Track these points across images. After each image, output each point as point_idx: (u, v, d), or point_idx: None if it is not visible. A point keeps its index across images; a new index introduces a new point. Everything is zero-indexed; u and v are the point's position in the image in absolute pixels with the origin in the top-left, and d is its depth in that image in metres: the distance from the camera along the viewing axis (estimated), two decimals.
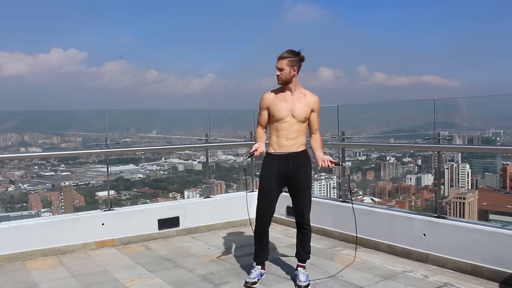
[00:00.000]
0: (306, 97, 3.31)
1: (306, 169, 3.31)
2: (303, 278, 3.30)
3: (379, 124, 6.66)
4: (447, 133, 3.92)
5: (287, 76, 3.24)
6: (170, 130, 6.52)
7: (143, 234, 4.65)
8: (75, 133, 6.52)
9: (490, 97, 4.63)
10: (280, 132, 3.27)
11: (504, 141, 6.05)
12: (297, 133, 3.27)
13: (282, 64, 3.24)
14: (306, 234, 3.38)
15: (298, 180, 3.28)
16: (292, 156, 3.25)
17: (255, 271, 3.38)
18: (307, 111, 3.28)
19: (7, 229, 4.08)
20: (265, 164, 3.33)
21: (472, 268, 3.40)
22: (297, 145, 3.27)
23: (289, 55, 3.24)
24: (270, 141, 3.33)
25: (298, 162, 3.26)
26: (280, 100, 3.29)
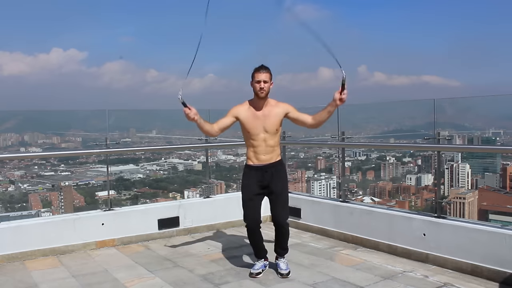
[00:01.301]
0: (274, 107, 3.41)
1: (283, 176, 3.52)
2: (283, 266, 3.54)
3: (379, 124, 6.66)
4: (447, 133, 3.92)
5: (269, 89, 3.37)
6: (170, 130, 6.52)
7: (143, 234, 4.65)
8: (75, 133, 6.52)
9: (490, 97, 4.63)
10: (257, 148, 3.43)
11: (504, 141, 6.05)
12: (273, 148, 3.45)
13: (267, 77, 3.34)
14: (284, 234, 3.56)
15: (275, 186, 3.44)
16: (269, 166, 3.44)
17: (258, 263, 3.58)
18: (279, 120, 3.42)
19: (7, 229, 4.08)
20: (245, 175, 3.51)
21: (472, 268, 3.40)
22: (274, 157, 3.47)
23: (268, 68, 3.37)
24: (248, 155, 3.50)
25: (275, 171, 3.46)
26: (252, 116, 3.40)
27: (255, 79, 3.33)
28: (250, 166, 3.48)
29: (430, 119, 4.03)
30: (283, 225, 3.50)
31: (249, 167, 3.49)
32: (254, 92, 3.37)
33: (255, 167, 3.45)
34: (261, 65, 3.35)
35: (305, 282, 3.36)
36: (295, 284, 3.34)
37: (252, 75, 3.37)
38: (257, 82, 3.32)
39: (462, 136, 5.34)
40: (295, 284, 3.35)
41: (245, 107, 3.43)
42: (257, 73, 3.33)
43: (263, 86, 3.30)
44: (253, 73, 3.37)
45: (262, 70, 3.33)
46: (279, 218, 3.48)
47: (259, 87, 3.31)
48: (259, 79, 3.31)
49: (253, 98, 3.43)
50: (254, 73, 3.35)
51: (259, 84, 3.31)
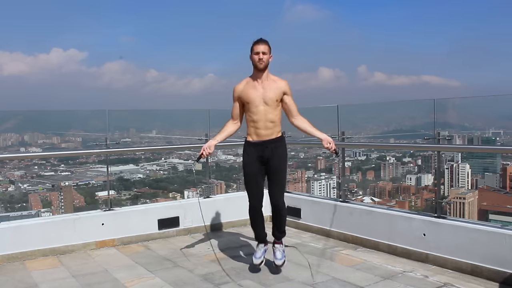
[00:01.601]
0: (276, 82, 3.43)
1: (282, 153, 3.49)
2: (279, 255, 3.54)
3: (379, 124, 6.66)
4: (447, 133, 3.92)
5: (268, 61, 3.39)
6: (170, 130, 6.52)
7: (143, 234, 4.65)
8: (75, 133, 6.52)
9: (490, 97, 4.62)
10: (257, 123, 3.41)
11: (504, 141, 6.05)
12: (273, 123, 3.42)
13: (265, 48, 3.37)
14: (280, 215, 3.55)
15: (275, 163, 3.44)
16: (269, 142, 3.42)
17: (259, 250, 3.59)
18: (279, 94, 3.41)
19: (7, 229, 4.08)
20: (245, 152, 3.50)
21: (472, 268, 3.40)
22: (275, 133, 3.45)
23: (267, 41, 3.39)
24: (248, 132, 3.48)
25: (275, 147, 3.44)
26: (251, 88, 3.41)
27: (254, 51, 3.36)
28: (249, 142, 3.46)
29: (430, 119, 4.03)
30: (279, 204, 3.48)
31: (248, 143, 3.47)
32: (253, 64, 3.39)
33: (254, 143, 3.43)
34: (260, 38, 3.39)
35: (305, 282, 3.36)
36: (295, 284, 3.34)
37: (251, 48, 3.39)
38: (255, 54, 3.34)
39: (462, 136, 5.33)
40: (295, 284, 3.35)
41: (243, 83, 3.46)
42: (255, 45, 3.37)
43: (262, 57, 3.33)
44: (252, 45, 3.39)
45: (261, 42, 3.37)
46: (275, 197, 3.47)
47: (258, 58, 3.33)
48: (258, 50, 3.34)
49: (253, 72, 3.44)
50: (253, 45, 3.38)
51: (258, 55, 3.33)
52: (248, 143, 3.48)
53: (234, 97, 3.49)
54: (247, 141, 3.50)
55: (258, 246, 3.63)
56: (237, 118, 3.53)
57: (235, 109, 3.51)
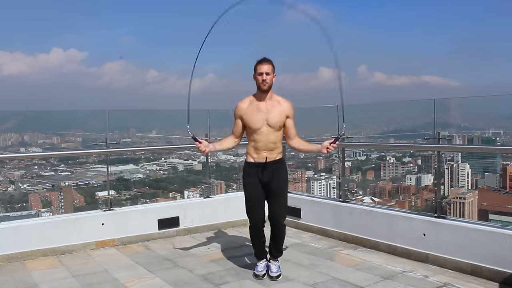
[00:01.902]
0: (280, 104, 3.38)
1: (283, 175, 3.44)
2: (274, 269, 3.47)
3: (379, 124, 6.66)
4: (447, 133, 3.92)
5: (271, 81, 3.33)
6: (170, 130, 6.52)
7: (143, 234, 4.65)
8: (75, 133, 6.52)
9: (490, 97, 4.63)
10: (258, 144, 3.36)
11: (504, 141, 6.05)
12: (274, 145, 3.37)
13: (269, 69, 3.30)
14: (280, 236, 3.49)
15: (275, 186, 3.38)
16: (270, 164, 3.37)
17: (260, 264, 3.53)
18: (282, 118, 3.36)
19: (7, 229, 4.08)
20: (246, 173, 3.44)
21: (472, 268, 3.40)
22: (275, 154, 3.39)
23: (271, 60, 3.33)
24: (249, 151, 3.43)
25: (276, 169, 3.39)
26: (255, 110, 3.35)
27: (258, 71, 3.29)
28: (250, 163, 3.41)
29: (430, 119, 4.03)
30: (279, 226, 3.44)
31: (249, 165, 3.42)
32: (257, 84, 3.33)
33: (255, 164, 3.38)
34: (263, 58, 3.32)
35: (305, 282, 3.36)
36: (295, 284, 3.34)
37: (255, 68, 3.33)
38: (259, 74, 3.28)
39: (462, 136, 5.33)
40: (295, 284, 3.35)
41: (246, 103, 3.40)
42: (259, 65, 3.30)
43: (265, 78, 3.26)
44: (255, 65, 3.33)
45: (264, 62, 3.29)
46: (276, 218, 3.42)
47: (262, 79, 3.27)
48: (261, 71, 3.27)
49: (256, 91, 3.38)
50: (256, 66, 3.32)
51: (262, 76, 3.27)
52: (248, 164, 3.43)
53: (236, 115, 3.43)
54: (247, 162, 3.44)
55: (258, 261, 3.56)
56: (238, 136, 3.48)
57: (236, 127, 3.45)
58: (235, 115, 3.45)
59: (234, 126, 3.47)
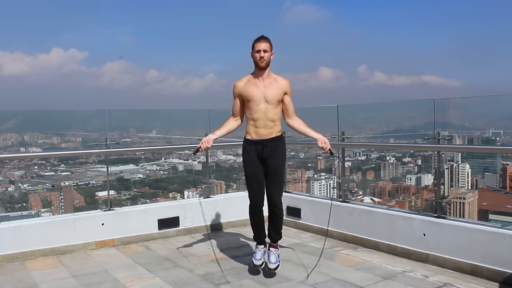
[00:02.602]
0: (278, 81, 3.41)
1: (281, 153, 3.46)
2: (273, 260, 3.48)
3: (379, 124, 6.66)
4: (447, 133, 3.92)
5: (269, 58, 3.36)
6: (170, 130, 6.52)
7: (143, 234, 4.65)
8: (75, 133, 6.52)
9: (490, 97, 4.63)
10: (257, 122, 3.37)
11: (504, 141, 6.05)
12: (273, 122, 3.39)
13: (266, 46, 3.33)
14: (277, 216, 3.51)
15: (273, 162, 3.40)
16: (269, 141, 3.39)
17: (259, 251, 3.55)
18: (280, 94, 3.38)
19: (7, 229, 4.08)
20: (245, 150, 3.47)
21: (472, 268, 3.40)
22: (274, 132, 3.41)
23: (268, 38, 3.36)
24: (248, 130, 3.44)
25: (274, 146, 3.40)
26: (252, 86, 3.38)
27: (255, 49, 3.33)
28: (249, 140, 3.43)
29: (430, 119, 4.03)
30: (276, 205, 3.45)
31: (248, 142, 3.43)
32: (255, 62, 3.36)
33: (254, 142, 3.40)
34: (261, 35, 3.36)
35: (305, 282, 3.36)
36: (295, 284, 3.34)
37: (252, 46, 3.36)
38: (257, 52, 3.31)
39: (462, 136, 5.33)
40: (295, 284, 3.35)
41: (244, 80, 3.43)
42: (257, 43, 3.33)
43: (263, 55, 3.30)
44: (253, 43, 3.37)
45: (262, 39, 3.34)
46: (273, 198, 3.44)
47: (259, 56, 3.30)
48: (259, 48, 3.31)
49: (254, 70, 3.41)
50: (254, 43, 3.35)
51: (259, 53, 3.30)
52: (247, 141, 3.45)
53: (235, 93, 3.46)
54: (246, 139, 3.46)
55: (257, 247, 3.59)
56: (238, 115, 3.50)
57: (235, 106, 3.48)
58: (233, 93, 3.47)
59: (233, 106, 3.50)
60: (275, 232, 3.55)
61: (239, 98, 3.44)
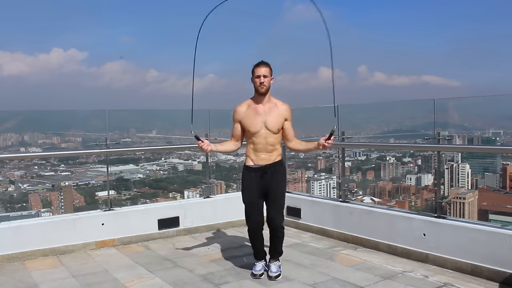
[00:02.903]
0: (278, 107, 3.39)
1: (282, 178, 3.46)
2: (274, 269, 3.49)
3: (379, 124, 6.66)
4: (447, 133, 3.92)
5: (269, 84, 3.35)
6: (170, 130, 6.52)
7: (143, 234, 4.65)
8: (75, 133, 6.52)
9: (490, 97, 4.62)
10: (257, 146, 3.37)
11: (504, 141, 6.05)
12: (273, 147, 3.39)
13: (266, 71, 3.32)
14: (279, 238, 3.52)
15: (274, 188, 3.40)
16: (269, 167, 3.39)
17: (259, 264, 3.55)
18: (280, 121, 3.38)
19: (7, 229, 4.08)
20: (244, 177, 3.46)
21: (472, 268, 3.40)
22: (274, 156, 3.40)
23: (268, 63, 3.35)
24: (248, 154, 3.44)
25: (275, 171, 3.40)
26: (253, 113, 3.37)
27: (255, 74, 3.32)
28: (249, 167, 3.43)
29: (430, 119, 4.03)
30: (278, 229, 3.46)
31: (248, 169, 3.44)
32: (255, 87, 3.35)
33: (254, 168, 3.40)
34: (261, 61, 3.35)
35: (305, 282, 3.36)
36: (295, 284, 3.34)
37: (252, 71, 3.36)
38: (257, 77, 3.31)
39: (462, 136, 5.33)
40: (295, 284, 3.35)
41: (244, 107, 3.42)
42: (256, 68, 3.32)
43: (263, 80, 3.29)
44: (252, 68, 3.36)
45: (262, 65, 3.32)
46: (274, 221, 3.43)
47: (259, 82, 3.29)
48: (259, 74, 3.30)
49: (254, 95, 3.41)
50: (254, 69, 3.34)
51: (259, 79, 3.29)
52: (247, 168, 3.44)
53: (235, 118, 3.45)
54: (246, 165, 3.45)
55: (257, 261, 3.58)
56: (238, 139, 3.48)
57: (235, 131, 3.46)
58: (233, 119, 3.47)
59: (233, 130, 3.49)
60: (276, 252, 3.56)
61: (239, 124, 3.43)
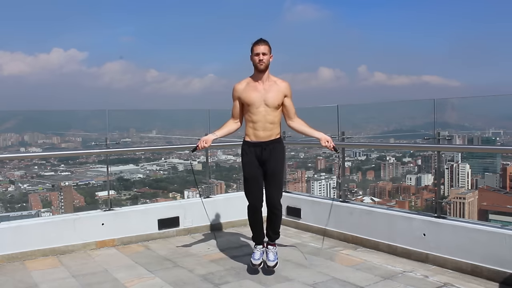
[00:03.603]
0: (277, 84, 3.41)
1: (280, 155, 3.47)
2: (272, 257, 3.52)
3: (379, 124, 6.66)
4: (447, 133, 3.92)
5: (268, 61, 3.37)
6: (170, 130, 6.52)
7: (143, 234, 4.65)
8: (75, 133, 6.52)
9: (490, 97, 4.62)
10: (256, 124, 3.39)
11: (504, 141, 6.05)
12: (273, 125, 3.40)
13: (265, 49, 3.34)
14: (276, 217, 3.54)
15: (273, 164, 3.41)
16: (268, 143, 3.40)
17: (257, 251, 3.56)
18: (280, 97, 3.39)
19: (7, 229, 4.08)
20: (244, 152, 3.47)
21: (472, 268, 3.40)
22: (273, 135, 3.42)
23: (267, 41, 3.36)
24: (247, 132, 3.45)
25: (273, 148, 3.42)
26: (252, 89, 3.39)
27: (254, 52, 3.34)
28: (248, 142, 3.44)
29: (430, 119, 4.03)
30: (276, 206, 3.47)
31: (247, 144, 3.44)
32: (254, 65, 3.37)
33: (253, 144, 3.41)
34: (260, 38, 3.37)
35: (305, 282, 3.36)
36: (295, 284, 3.34)
37: (251, 49, 3.37)
38: (256, 55, 3.32)
39: (462, 136, 5.34)
40: (295, 284, 3.35)
41: (244, 84, 3.44)
42: (256, 46, 3.34)
43: (262, 58, 3.31)
44: (252, 46, 3.37)
45: (261, 42, 3.34)
46: (273, 198, 3.45)
47: (258, 59, 3.31)
48: (258, 51, 3.32)
49: (254, 73, 3.42)
50: (253, 46, 3.36)
51: (258, 56, 3.31)
52: (246, 143, 3.46)
53: (234, 96, 3.47)
54: (245, 141, 3.47)
55: (255, 247, 3.61)
56: (238, 117, 3.51)
57: (235, 109, 3.49)
58: (233, 96, 3.49)
59: (233, 108, 3.51)
60: (274, 232, 3.59)
61: (238, 101, 3.46)
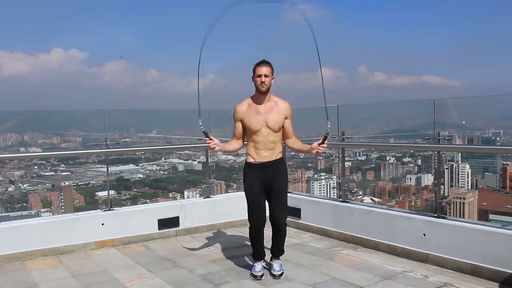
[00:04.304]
0: (278, 105, 3.40)
1: (283, 175, 3.47)
2: (277, 268, 3.51)
3: (379, 124, 6.66)
4: (447, 133, 3.92)
5: (270, 83, 3.35)
6: (170, 130, 6.52)
7: (143, 234, 4.65)
8: (75, 133, 6.52)
9: (490, 97, 4.62)
10: (258, 144, 3.38)
11: (504, 141, 6.05)
12: (274, 144, 3.39)
13: (268, 71, 3.32)
14: (281, 235, 3.52)
15: (276, 185, 3.40)
16: (270, 164, 3.39)
17: (258, 265, 3.53)
18: (281, 120, 3.39)
19: (7, 229, 4.08)
20: (246, 174, 3.45)
21: (472, 268, 3.40)
22: (275, 154, 3.41)
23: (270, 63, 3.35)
24: (249, 152, 3.43)
25: (276, 169, 3.41)
26: (254, 112, 3.37)
27: (256, 73, 3.31)
28: (250, 164, 3.41)
29: (430, 119, 4.03)
30: (280, 226, 3.45)
31: (249, 165, 3.42)
32: (256, 86, 3.35)
33: (255, 165, 3.39)
34: (262, 60, 3.34)
35: (305, 282, 3.36)
36: (295, 284, 3.34)
37: (253, 70, 3.35)
38: (258, 76, 3.30)
39: (462, 136, 5.34)
40: (295, 284, 3.35)
41: (245, 105, 3.41)
42: (258, 67, 3.32)
43: (264, 80, 3.28)
44: (254, 67, 3.35)
45: (263, 64, 3.32)
46: (277, 218, 3.43)
47: (260, 81, 3.29)
48: (260, 73, 3.29)
49: (255, 93, 3.40)
50: (255, 68, 3.34)
51: (260, 78, 3.29)
52: (248, 165, 3.43)
53: (236, 118, 3.45)
54: (247, 162, 3.44)
55: (256, 262, 3.57)
56: (240, 137, 3.48)
57: (237, 130, 3.46)
58: (234, 118, 3.47)
59: (234, 129, 3.48)
60: (278, 250, 3.57)
61: (240, 122, 3.43)
